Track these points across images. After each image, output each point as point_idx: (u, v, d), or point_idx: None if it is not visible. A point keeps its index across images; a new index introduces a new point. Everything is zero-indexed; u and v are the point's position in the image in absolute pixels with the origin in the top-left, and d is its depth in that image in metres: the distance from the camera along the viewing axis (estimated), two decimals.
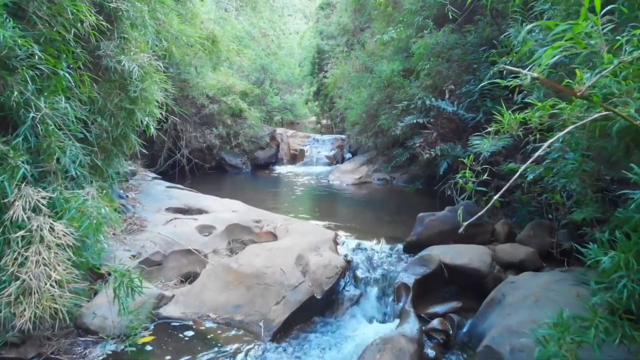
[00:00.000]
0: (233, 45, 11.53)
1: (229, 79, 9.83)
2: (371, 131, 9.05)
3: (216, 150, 9.61)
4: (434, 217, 4.47)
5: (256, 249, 4.13)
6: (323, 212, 6.26)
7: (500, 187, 4.77)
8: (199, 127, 9.47)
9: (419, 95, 6.48)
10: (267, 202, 6.91)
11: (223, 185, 8.71)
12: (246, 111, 9.45)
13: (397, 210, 6.36)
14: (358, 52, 10.62)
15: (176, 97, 9.10)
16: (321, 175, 9.77)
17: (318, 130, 19.36)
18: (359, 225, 5.54)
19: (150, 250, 4.27)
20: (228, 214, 5.17)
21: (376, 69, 8.15)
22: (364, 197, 7.61)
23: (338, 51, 12.49)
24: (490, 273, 3.88)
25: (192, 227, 4.74)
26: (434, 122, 6.29)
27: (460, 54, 6.38)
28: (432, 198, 7.05)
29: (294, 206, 6.69)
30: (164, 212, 5.11)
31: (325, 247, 4.19)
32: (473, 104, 5.83)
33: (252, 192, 7.96)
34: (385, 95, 7.95)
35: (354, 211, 6.37)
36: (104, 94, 4.21)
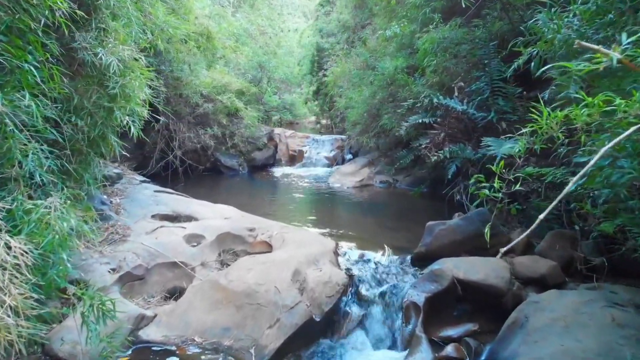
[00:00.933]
0: (229, 42, 11.14)
1: (225, 77, 9.42)
2: (373, 131, 8.66)
3: (211, 151, 9.20)
4: (445, 227, 4.07)
5: (248, 262, 3.73)
6: (323, 217, 5.86)
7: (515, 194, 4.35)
8: (193, 127, 9.06)
9: (424, 93, 6.08)
10: (263, 207, 6.51)
11: (217, 188, 8.30)
12: (242, 110, 9.05)
13: (401, 216, 5.96)
14: (359, 50, 10.22)
15: (169, 96, 8.69)
16: (321, 177, 9.37)
17: (317, 130, 18.96)
18: (362, 232, 5.14)
19: (131, 263, 3.87)
20: (219, 221, 4.77)
21: (379, 66, 7.75)
22: (366, 201, 7.21)
23: (338, 49, 12.09)
24: (509, 290, 3.48)
25: (179, 236, 4.34)
26: (441, 121, 5.89)
27: (468, 49, 5.98)
28: (438, 202, 6.65)
29: (292, 211, 6.29)
30: (150, 220, 4.71)
31: (325, 260, 3.79)
32: (484, 103, 5.43)
33: (247, 195, 7.56)
34: (388, 93, 7.56)
35: (356, 217, 5.96)
36: (81, 91, 3.82)
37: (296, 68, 19.63)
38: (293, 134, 12.17)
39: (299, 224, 5.49)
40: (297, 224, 5.49)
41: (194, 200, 5.57)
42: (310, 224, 5.55)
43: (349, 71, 9.90)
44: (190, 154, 9.13)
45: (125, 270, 3.79)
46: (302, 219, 5.80)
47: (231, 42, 11.48)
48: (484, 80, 5.42)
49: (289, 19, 27.29)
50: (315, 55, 15.27)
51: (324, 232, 5.09)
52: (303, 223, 5.59)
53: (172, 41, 8.56)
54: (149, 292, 3.89)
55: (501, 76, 5.42)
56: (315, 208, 6.49)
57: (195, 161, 9.38)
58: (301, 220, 5.76)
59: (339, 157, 11.26)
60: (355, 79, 9.24)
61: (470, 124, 5.67)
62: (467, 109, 5.30)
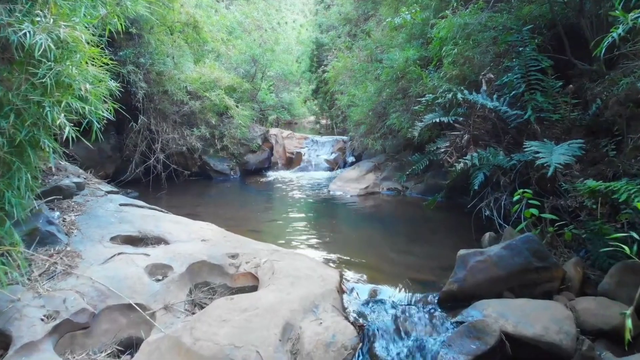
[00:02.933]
0: (220, 35, 10.20)
1: (215, 72, 8.48)
2: (379, 132, 7.75)
3: (198, 154, 8.26)
4: (483, 258, 3.13)
5: (224, 308, 2.79)
6: (323, 235, 4.92)
7: (559, 210, 3.43)
8: (179, 128, 8.12)
9: (443, 88, 5.15)
10: (253, 221, 5.58)
11: (204, 196, 7.36)
12: (233, 109, 8.10)
13: (417, 234, 5.02)
14: (363, 42, 9.28)
15: (151, 92, 7.77)
16: (320, 183, 8.44)
17: (317, 130, 18.05)
18: (371, 257, 4.21)
19: (74, 307, 2.93)
20: (194, 245, 3.83)
21: (386, 58, 6.81)
22: (373, 213, 6.27)
23: (339, 42, 11.15)
24: (577, 351, 2.55)
25: (140, 267, 3.40)
26: (464, 121, 4.96)
27: (494, 36, 5.06)
28: (458, 215, 5.72)
29: (287, 226, 5.35)
30: (107, 244, 3.77)
31: (327, 304, 2.86)
32: (517, 98, 4.50)
33: (237, 205, 6.62)
34: (397, 89, 6.64)
35: (363, 234, 5.03)
36: (6, 82, 2.92)
37: (294, 65, 18.72)
38: (290, 135, 11.25)
39: (294, 245, 4.56)
40: (292, 245, 4.55)
41: (167, 216, 4.63)
42: (308, 244, 4.61)
43: (352, 66, 8.97)
44: (176, 157, 8.21)
45: (64, 317, 2.86)
46: (298, 237, 4.87)
47: (223, 34, 10.56)
48: (517, 72, 4.49)
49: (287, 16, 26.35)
50: (314, 51, 14.34)
51: (325, 257, 4.16)
52: (299, 243, 4.65)
53: (154, 31, 7.65)
54: (97, 344, 2.96)
55: (538, 67, 4.50)
56: (314, 222, 5.55)
57: (182, 165, 8.45)
58: (297, 238, 4.83)
59: (340, 160, 10.33)
60: (358, 74, 8.30)
61: (500, 123, 4.74)
62: (499, 106, 4.36)
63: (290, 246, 4.48)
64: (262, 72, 10.38)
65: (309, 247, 4.48)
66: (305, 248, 4.44)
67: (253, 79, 10.31)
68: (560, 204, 4.04)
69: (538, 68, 4.50)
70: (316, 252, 4.30)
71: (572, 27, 4.99)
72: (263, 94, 11.94)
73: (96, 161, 7.70)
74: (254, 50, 9.80)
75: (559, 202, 4.04)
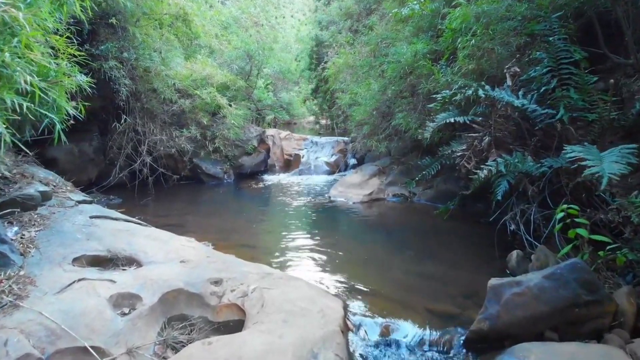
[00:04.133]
0: (214, 30, 9.61)
1: (207, 69, 7.89)
2: (383, 133, 7.16)
3: (188, 156, 7.67)
4: (520, 290, 2.54)
5: (198, 358, 2.21)
6: (323, 251, 4.33)
7: (607, 226, 2.85)
8: (167, 128, 7.53)
9: (459, 84, 4.56)
10: (244, 233, 4.99)
11: (193, 203, 6.77)
12: (225, 108, 7.51)
13: (430, 249, 4.44)
14: (365, 37, 8.69)
15: (137, 90, 7.18)
16: (320, 188, 7.85)
17: (316, 131, 17.47)
18: (379, 279, 3.63)
19: (16, 351, 2.35)
20: (171, 267, 3.25)
21: (393, 52, 6.23)
22: (378, 223, 5.69)
23: (340, 38, 10.56)
24: None
25: (103, 297, 2.82)
26: (483, 121, 4.38)
27: (515, 26, 4.47)
28: (473, 226, 5.15)
29: (282, 240, 4.77)
30: (69, 267, 3.18)
31: (329, 354, 2.27)
32: (547, 96, 3.92)
33: (228, 214, 6.03)
34: (405, 86, 6.06)
35: (368, 250, 4.44)
36: None
37: (293, 64, 18.15)
38: (289, 136, 10.66)
39: (290, 264, 3.97)
40: (287, 264, 3.97)
41: (144, 230, 4.04)
42: (306, 263, 4.03)
43: (353, 62, 8.38)
44: (164, 160, 7.62)
45: None
46: (294, 254, 4.28)
47: (217, 29, 9.97)
48: (547, 65, 3.90)
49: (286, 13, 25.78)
50: (313, 47, 13.77)
51: (325, 280, 3.57)
52: (296, 261, 4.06)
53: (140, 24, 7.06)
54: None
55: (570, 59, 3.92)
56: (313, 235, 4.96)
57: (171, 168, 7.87)
58: (294, 255, 4.24)
59: (340, 162, 9.75)
60: (361, 70, 7.72)
61: (525, 124, 4.16)
62: (527, 104, 3.78)
63: (285, 266, 3.89)
64: (257, 69, 9.77)
65: (306, 267, 3.89)
66: (303, 268, 3.85)
67: (249, 77, 9.72)
68: (600, 218, 3.47)
69: (570, 61, 3.91)
70: (315, 273, 3.71)
71: (601, 16, 4.42)
72: (260, 93, 11.35)
73: (77, 165, 7.12)
74: (249, 45, 9.20)
75: (598, 216, 3.46)
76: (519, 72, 4.08)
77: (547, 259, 3.24)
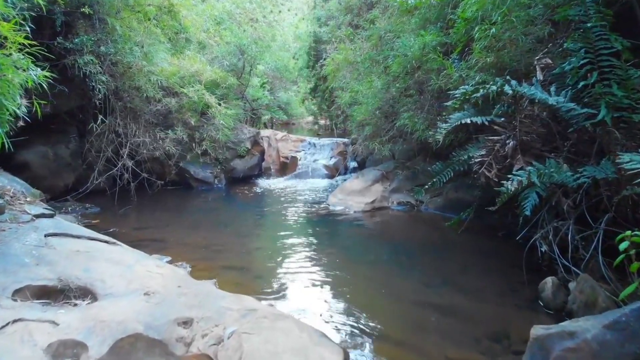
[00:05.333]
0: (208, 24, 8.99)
1: (195, 65, 7.28)
2: (387, 134, 6.56)
3: (174, 160, 7.05)
4: (574, 345, 1.94)
5: None
6: (320, 276, 3.72)
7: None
8: (151, 129, 6.91)
9: (476, 79, 3.96)
10: (230, 251, 4.36)
11: (178, 212, 6.14)
12: (214, 107, 6.89)
13: (444, 271, 3.83)
14: (366, 33, 8.07)
15: (115, 88, 6.56)
16: (318, 194, 7.24)
17: (315, 131, 16.86)
18: (387, 315, 3.02)
19: None
20: (132, 302, 2.64)
21: (399, 44, 5.62)
22: (383, 237, 5.07)
23: (340, 33, 9.94)
24: None
25: (39, 346, 2.21)
26: (505, 122, 3.77)
27: (539, 13, 3.87)
28: (490, 240, 4.55)
29: (273, 260, 4.15)
30: (8, 301, 2.57)
31: None
32: (585, 93, 3.31)
33: (215, 226, 5.40)
34: (412, 82, 5.46)
35: (372, 273, 3.83)
36: None
37: (291, 62, 17.56)
38: (285, 137, 10.05)
39: (280, 293, 3.36)
40: (277, 293, 3.35)
41: (108, 251, 3.42)
42: (299, 292, 3.42)
43: (354, 58, 7.77)
44: (150, 164, 7.00)
45: None
46: (287, 279, 3.67)
47: (210, 24, 9.35)
48: (583, 56, 3.29)
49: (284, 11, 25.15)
50: (312, 44, 13.17)
51: (322, 314, 2.96)
52: (288, 289, 3.45)
53: (122, 16, 6.45)
54: None
55: (611, 49, 3.31)
56: (309, 253, 4.35)
57: (157, 173, 7.26)
58: (286, 280, 3.63)
59: (340, 165, 9.14)
60: (363, 66, 7.11)
61: (556, 126, 3.55)
62: (563, 102, 3.17)
63: (275, 294, 3.28)
64: (250, 66, 9.13)
65: (300, 297, 3.28)
66: (296, 298, 3.24)
67: (242, 74, 9.10)
68: None
69: (611, 51, 3.31)
70: (310, 305, 3.10)
71: None
72: (255, 92, 10.73)
73: (52, 170, 6.50)
74: (241, 40, 8.56)
75: None
76: (551, 64, 3.47)
77: (595, 293, 2.63)
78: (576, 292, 2.81)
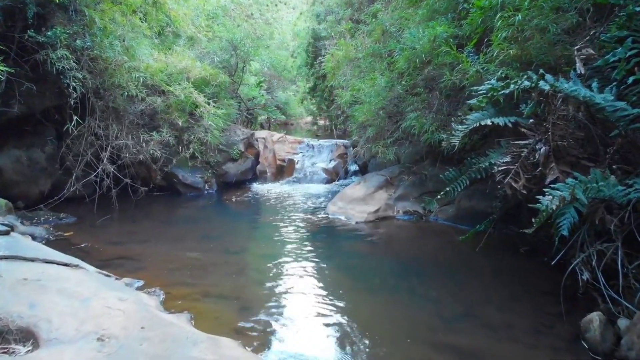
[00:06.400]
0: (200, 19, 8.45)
1: (183, 61, 6.73)
2: (392, 137, 6.01)
3: (160, 164, 6.49)
4: None
5: None
6: (316, 307, 3.17)
7: None
8: (135, 131, 6.36)
9: (499, 74, 3.41)
10: (213, 273, 3.78)
11: (160, 223, 5.57)
12: (202, 107, 6.33)
13: (461, 298, 3.28)
14: (367, 28, 7.52)
15: (96, 86, 6.01)
16: (317, 201, 6.70)
17: (314, 132, 16.29)
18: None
19: None
20: (80, 352, 2.10)
21: (407, 35, 5.06)
22: (389, 253, 4.51)
23: (340, 28, 9.38)
24: None
25: None
26: (534, 124, 3.23)
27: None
28: (514, 258, 4.01)
29: (262, 284, 3.60)
30: None
31: None
32: (630, 90, 2.77)
33: (200, 240, 4.83)
34: (421, 79, 4.92)
35: (379, 303, 3.26)
36: None
37: (289, 61, 17.02)
38: (282, 138, 9.48)
39: (269, 330, 2.80)
40: (265, 331, 2.80)
41: (64, 278, 2.86)
42: (291, 328, 2.86)
43: (355, 54, 7.23)
44: (134, 169, 6.44)
45: None
46: (277, 310, 3.12)
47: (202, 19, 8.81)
48: (631, 46, 2.75)
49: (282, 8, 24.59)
50: (310, 42, 12.63)
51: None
52: (278, 323, 2.90)
53: (101, 7, 5.89)
54: None
55: None
56: (305, 274, 3.78)
57: (143, 178, 6.72)
58: (276, 312, 3.08)
59: (340, 169, 8.60)
60: (365, 62, 6.57)
61: (596, 129, 3.01)
62: (611, 100, 2.63)
63: (260, 334, 2.72)
64: (243, 62, 8.56)
65: (292, 339, 2.72)
66: (286, 340, 2.69)
67: (235, 73, 8.54)
68: None
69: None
70: (305, 352, 2.55)
71: None
72: (250, 91, 10.17)
73: (26, 175, 5.95)
74: (233, 34, 7.99)
75: None
76: (593, 54, 2.93)
77: None
78: (634, 337, 2.27)
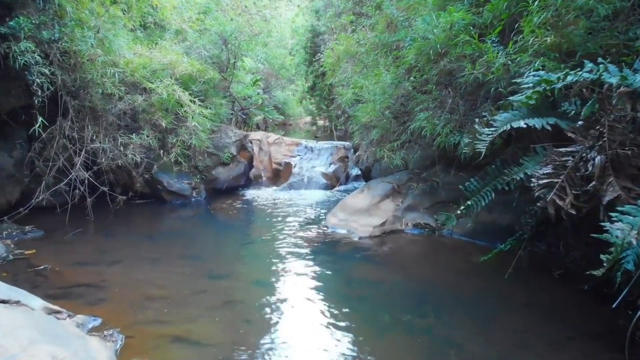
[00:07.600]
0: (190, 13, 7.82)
1: (168, 55, 6.09)
2: (398, 139, 5.38)
3: (141, 169, 5.86)
4: None
5: None
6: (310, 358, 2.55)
7: None
8: (113, 133, 5.73)
9: (535, 65, 2.78)
10: (189, 303, 3.14)
11: (138, 238, 4.91)
12: (186, 106, 5.70)
13: (492, 339, 2.66)
14: (370, 21, 6.90)
15: (67, 84, 5.37)
16: (316, 210, 6.07)
17: (313, 133, 15.67)
18: None
19: None
20: None
21: (420, 22, 4.42)
22: (398, 277, 3.86)
23: (340, 21, 8.75)
24: None
25: None
26: (582, 128, 2.60)
27: None
28: (548, 286, 3.38)
29: (245, 325, 2.97)
30: None
31: None
32: None
33: (176, 261, 4.17)
34: (435, 73, 4.29)
35: (389, 352, 2.64)
36: None
37: (288, 59, 16.41)
38: (279, 140, 8.85)
39: None
40: None
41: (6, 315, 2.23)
42: None
43: (357, 48, 6.60)
44: (114, 175, 5.82)
45: None
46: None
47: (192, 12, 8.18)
48: None
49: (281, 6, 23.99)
50: (308, 35, 12.01)
51: None
52: None
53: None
54: None
55: None
56: (298, 312, 3.14)
57: (124, 184, 6.10)
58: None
59: (341, 174, 7.97)
60: (369, 57, 5.94)
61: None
62: None
63: None
64: (234, 58, 7.90)
65: None
66: None
67: (226, 69, 7.90)
68: None
69: None
70: None
71: None
72: (244, 89, 9.54)
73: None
74: (224, 27, 7.34)
75: None
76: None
77: None
78: None
